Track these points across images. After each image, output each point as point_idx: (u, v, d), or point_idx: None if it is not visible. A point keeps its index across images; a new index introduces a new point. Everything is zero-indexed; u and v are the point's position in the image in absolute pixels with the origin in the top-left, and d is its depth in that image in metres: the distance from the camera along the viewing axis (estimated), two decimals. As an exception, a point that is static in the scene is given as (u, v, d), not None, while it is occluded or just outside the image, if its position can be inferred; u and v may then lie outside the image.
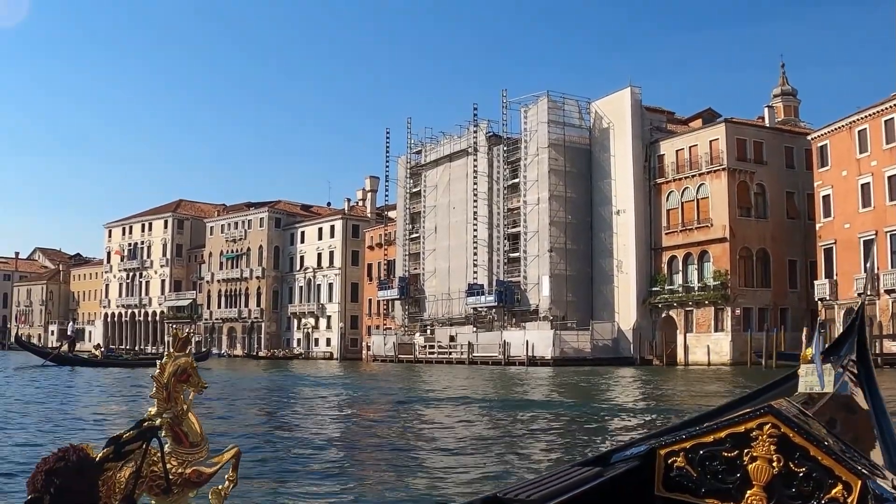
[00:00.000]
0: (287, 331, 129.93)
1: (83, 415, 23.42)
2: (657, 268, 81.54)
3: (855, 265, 68.41)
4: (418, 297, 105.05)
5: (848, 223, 69.45)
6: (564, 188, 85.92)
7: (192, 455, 4.10)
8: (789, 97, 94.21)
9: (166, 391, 4.08)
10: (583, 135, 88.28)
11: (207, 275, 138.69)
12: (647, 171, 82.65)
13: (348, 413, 26.75)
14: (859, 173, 68.78)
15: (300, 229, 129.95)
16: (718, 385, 44.12)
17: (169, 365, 4.10)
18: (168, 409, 4.06)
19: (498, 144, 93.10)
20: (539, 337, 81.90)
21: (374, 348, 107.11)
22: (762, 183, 77.23)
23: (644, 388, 42.17)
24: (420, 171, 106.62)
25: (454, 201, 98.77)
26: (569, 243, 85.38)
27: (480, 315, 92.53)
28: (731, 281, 74.81)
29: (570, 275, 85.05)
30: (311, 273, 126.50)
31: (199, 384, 4.19)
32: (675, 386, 44.11)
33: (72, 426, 20.21)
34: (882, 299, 65.59)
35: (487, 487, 9.18)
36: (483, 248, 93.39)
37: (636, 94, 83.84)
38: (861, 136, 68.93)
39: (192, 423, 4.17)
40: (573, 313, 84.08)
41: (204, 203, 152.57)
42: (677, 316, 79.11)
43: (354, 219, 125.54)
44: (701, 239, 77.56)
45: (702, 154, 77.99)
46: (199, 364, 4.37)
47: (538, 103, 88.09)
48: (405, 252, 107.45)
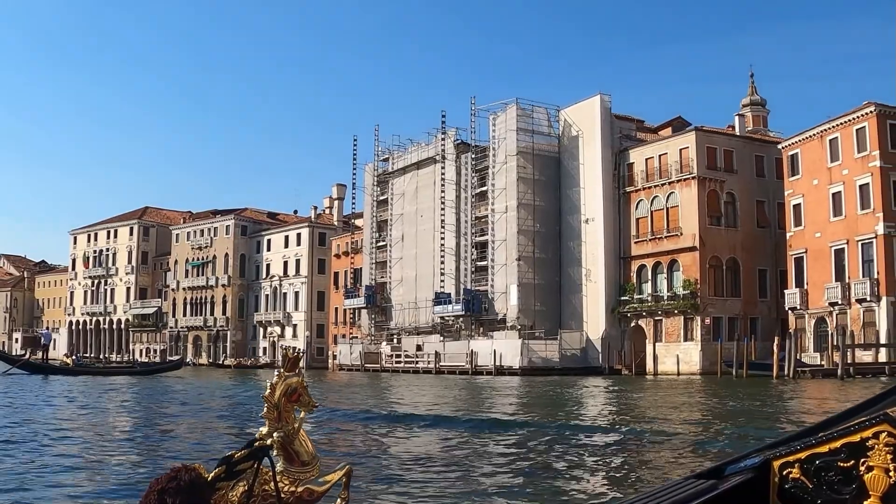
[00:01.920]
0: (253, 339, 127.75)
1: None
2: (626, 277, 79.93)
3: (826, 274, 67.20)
4: (385, 306, 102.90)
5: (819, 232, 68.19)
6: (533, 196, 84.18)
7: (303, 474, 4.16)
8: (758, 107, 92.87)
9: (277, 411, 4.13)
10: (552, 143, 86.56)
11: (173, 282, 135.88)
12: (617, 180, 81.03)
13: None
14: (830, 182, 67.54)
15: (266, 237, 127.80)
16: (688, 396, 42.57)
17: (279, 385, 4.16)
18: (279, 429, 4.12)
19: (466, 152, 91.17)
20: (507, 346, 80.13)
21: (340, 357, 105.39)
22: (732, 191, 75.78)
23: (619, 400, 40.51)
24: (387, 179, 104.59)
25: (422, 209, 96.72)
26: (537, 252, 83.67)
27: (447, 324, 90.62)
28: (700, 290, 73.28)
29: (539, 283, 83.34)
30: (278, 281, 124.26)
31: (310, 404, 4.27)
32: (646, 397, 42.44)
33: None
34: (853, 308, 64.50)
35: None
36: (450, 256, 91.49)
37: (606, 102, 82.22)
38: (832, 144, 67.76)
39: (303, 442, 4.22)
40: (541, 322, 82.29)
41: (170, 210, 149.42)
42: (646, 325, 77.51)
43: (321, 227, 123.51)
44: (670, 248, 76.00)
45: (672, 162, 76.45)
46: (173, 373, 3.26)
47: (507, 111, 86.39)
48: (372, 260, 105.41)
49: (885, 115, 64.49)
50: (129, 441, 19.57)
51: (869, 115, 64.78)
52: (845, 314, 65.00)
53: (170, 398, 37.01)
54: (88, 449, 17.48)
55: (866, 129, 64.86)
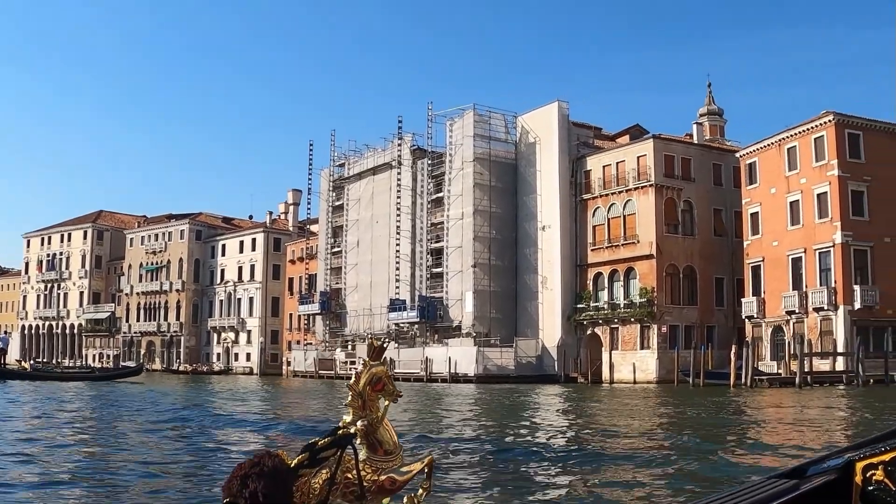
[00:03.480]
0: (207, 345, 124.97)
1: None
2: (582, 284, 78.18)
3: (783, 283, 65.93)
4: (339, 312, 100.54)
5: (776, 241, 66.94)
6: (489, 203, 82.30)
7: (386, 463, 4.13)
8: (715, 117, 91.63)
9: (361, 400, 4.11)
10: (509, 149, 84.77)
11: (127, 287, 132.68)
12: (574, 187, 79.28)
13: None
14: (788, 191, 66.33)
15: (221, 242, 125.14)
16: (645, 405, 40.92)
17: (364, 374, 4.14)
18: (363, 418, 4.10)
19: (422, 158, 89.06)
20: (462, 353, 78.27)
21: (294, 364, 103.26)
22: (690, 200, 74.18)
23: (576, 410, 38.76)
24: (343, 185, 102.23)
25: (377, 215, 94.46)
26: (493, 259, 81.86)
27: (402, 331, 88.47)
28: (657, 298, 71.64)
29: (494, 291, 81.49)
30: (232, 287, 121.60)
31: (394, 393, 4.22)
32: (602, 406, 40.73)
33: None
34: (810, 317, 63.37)
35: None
36: (406, 262, 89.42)
37: (563, 108, 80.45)
38: (791, 153, 66.55)
39: (387, 431, 4.20)
40: (497, 330, 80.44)
41: (124, 214, 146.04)
42: (603, 333, 75.76)
43: (276, 232, 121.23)
44: (627, 255, 74.33)
45: (629, 170, 74.77)
46: (132, 379, 3.31)
47: (464, 117, 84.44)
48: (327, 266, 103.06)
49: (844, 125, 63.51)
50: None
51: (827, 124, 63.66)
52: (802, 323, 63.75)
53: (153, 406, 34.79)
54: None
55: (825, 137, 63.73)
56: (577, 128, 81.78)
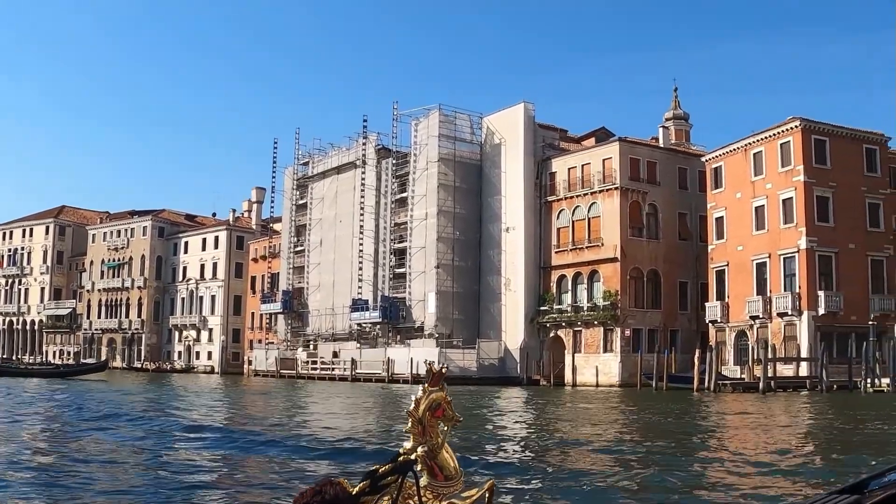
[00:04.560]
0: (168, 343, 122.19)
1: None
2: (546, 287, 76.63)
3: (747, 288, 64.84)
4: (302, 312, 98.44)
5: (741, 245, 65.84)
6: (453, 204, 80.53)
7: (446, 488, 4.10)
8: (681, 121, 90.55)
9: (421, 426, 4.10)
10: (474, 150, 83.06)
11: (88, 283, 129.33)
12: (539, 189, 77.73)
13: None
14: (754, 195, 65.24)
15: (184, 239, 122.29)
16: (607, 409, 39.56)
17: (424, 400, 4.12)
18: (423, 444, 4.08)
19: (387, 157, 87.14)
20: (424, 354, 76.03)
21: (255, 363, 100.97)
22: (655, 203, 72.83)
23: (539, 414, 37.41)
24: (307, 183, 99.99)
25: (341, 214, 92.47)
26: (456, 260, 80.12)
27: (364, 331, 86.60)
28: (620, 301, 70.20)
29: (457, 292, 79.74)
30: (194, 284, 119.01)
31: (454, 418, 4.19)
32: (564, 410, 39.37)
33: None
34: (774, 322, 62.41)
35: None
36: (369, 262, 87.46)
37: (529, 110, 78.88)
38: (757, 158, 65.50)
39: (447, 457, 4.16)
40: (459, 331, 78.70)
41: (87, 210, 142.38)
42: (566, 336, 74.21)
43: (239, 230, 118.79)
44: (591, 258, 72.84)
45: (594, 173, 73.31)
46: (96, 375, 3.29)
47: (429, 117, 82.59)
48: (289, 265, 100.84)
49: (810, 131, 62.55)
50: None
51: (794, 129, 62.67)
52: (766, 328, 62.72)
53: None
54: None
55: (791, 143, 62.78)
56: (543, 129, 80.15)
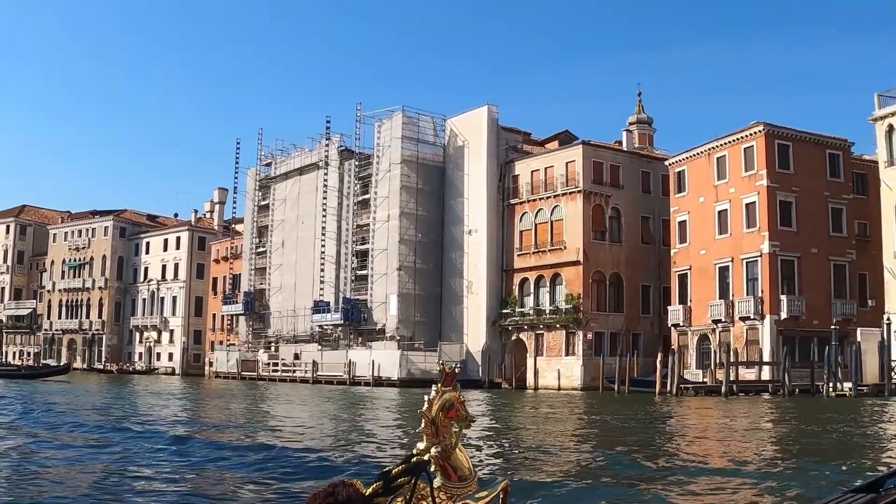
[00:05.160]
0: (129, 344, 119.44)
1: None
2: (508, 289, 75.29)
3: (710, 292, 63.78)
4: (263, 313, 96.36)
5: (704, 249, 64.79)
6: (416, 206, 79.10)
7: (460, 489, 4.07)
8: (644, 126, 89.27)
9: (434, 426, 4.08)
10: (437, 152, 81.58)
11: (49, 283, 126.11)
12: (501, 192, 76.36)
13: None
14: (717, 200, 64.21)
15: (145, 240, 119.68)
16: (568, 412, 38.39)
17: (437, 400, 4.11)
18: (436, 444, 4.06)
19: (350, 159, 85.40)
20: (385, 357, 75.07)
21: (216, 364, 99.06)
22: (618, 206, 71.70)
23: (499, 416, 36.20)
24: (269, 184, 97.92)
25: (303, 216, 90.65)
26: (418, 262, 78.68)
27: (326, 333, 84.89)
28: (583, 305, 68.98)
29: (419, 294, 78.35)
30: (155, 285, 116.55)
31: (468, 418, 4.20)
32: (526, 415, 38.13)
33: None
34: (737, 326, 61.46)
35: None
36: (330, 264, 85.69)
37: (493, 112, 77.47)
38: (720, 162, 64.47)
39: (461, 457, 4.15)
40: (421, 333, 77.27)
41: (48, 209, 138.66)
42: (528, 339, 72.90)
43: (201, 231, 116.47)
44: (554, 261, 71.62)
45: (557, 175, 72.12)
46: (59, 378, 3.51)
47: (392, 118, 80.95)
48: (251, 266, 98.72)
49: (774, 135, 61.60)
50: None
51: (757, 134, 61.69)
52: (729, 332, 61.69)
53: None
54: None
55: (754, 148, 61.76)
56: (507, 132, 78.95)
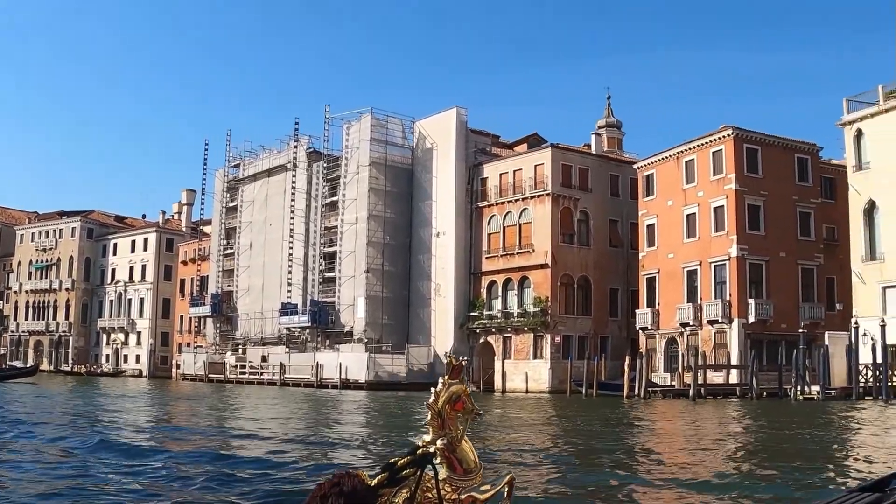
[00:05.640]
0: (96, 346, 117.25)
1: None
2: (476, 292, 73.91)
3: (678, 295, 62.78)
4: (231, 315, 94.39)
5: (672, 253, 63.79)
6: (384, 208, 77.58)
7: (466, 482, 4.01)
8: (613, 129, 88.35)
9: (440, 418, 4.02)
10: (405, 154, 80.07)
11: (15, 284, 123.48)
12: (470, 194, 74.92)
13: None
14: (685, 203, 63.23)
15: (113, 241, 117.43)
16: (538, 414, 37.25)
17: (443, 393, 4.05)
18: (442, 436, 4.00)
19: (318, 161, 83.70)
20: (353, 359, 73.62)
21: (184, 367, 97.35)
22: (586, 210, 70.46)
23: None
24: (238, 186, 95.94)
25: (271, 217, 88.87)
26: (386, 264, 77.18)
27: (293, 335, 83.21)
28: (551, 308, 67.72)
29: (387, 297, 76.84)
30: (123, 287, 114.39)
31: (474, 411, 4.13)
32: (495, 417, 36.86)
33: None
34: (704, 330, 60.45)
35: None
36: (298, 266, 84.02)
37: (462, 115, 76.07)
38: (689, 166, 63.49)
39: (466, 450, 4.06)
40: (388, 336, 75.84)
41: (15, 210, 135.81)
42: (495, 342, 71.54)
43: (169, 232, 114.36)
44: (522, 264, 70.28)
45: (526, 178, 70.83)
46: (27, 380, 3.46)
47: (361, 120, 79.37)
48: (219, 268, 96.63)
49: (742, 139, 60.68)
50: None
51: (726, 138, 60.76)
52: (697, 335, 60.68)
53: None
54: None
55: (723, 151, 60.82)
56: (475, 135, 77.53)
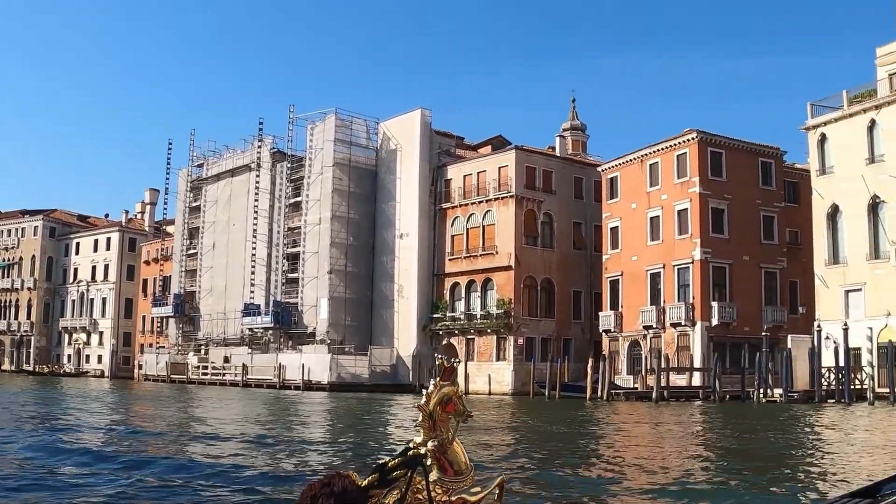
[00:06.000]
0: (58, 346, 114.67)
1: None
2: (439, 294, 72.71)
3: (641, 298, 61.88)
4: (193, 316, 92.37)
5: (635, 255, 62.89)
6: (347, 209, 76.18)
7: (456, 484, 3.97)
8: (578, 132, 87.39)
9: (432, 420, 3.97)
10: (369, 155, 78.70)
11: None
12: (433, 196, 73.69)
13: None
14: (649, 206, 62.34)
15: (75, 240, 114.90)
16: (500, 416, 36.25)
17: (434, 394, 4.02)
18: (433, 438, 3.95)
19: (282, 161, 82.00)
20: (316, 360, 72.20)
21: (146, 367, 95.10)
22: (550, 212, 69.45)
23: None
24: (201, 186, 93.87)
25: (234, 218, 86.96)
26: (349, 265, 75.78)
27: (256, 336, 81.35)
28: (514, 310, 66.64)
29: (350, 298, 75.45)
30: (85, 286, 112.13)
31: (465, 413, 4.12)
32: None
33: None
34: (668, 332, 59.63)
35: None
36: (261, 267, 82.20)
37: (426, 116, 74.83)
38: (653, 169, 62.61)
39: (458, 452, 4.02)
40: (351, 337, 74.42)
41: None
42: (458, 343, 70.32)
43: (132, 232, 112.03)
44: (485, 266, 69.15)
45: (490, 180, 69.70)
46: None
47: (325, 121, 77.86)
48: (182, 268, 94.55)
49: (707, 143, 59.89)
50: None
51: (690, 141, 59.96)
52: (660, 338, 59.85)
53: None
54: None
55: (687, 155, 60.03)
56: (439, 136, 76.35)
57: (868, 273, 52.28)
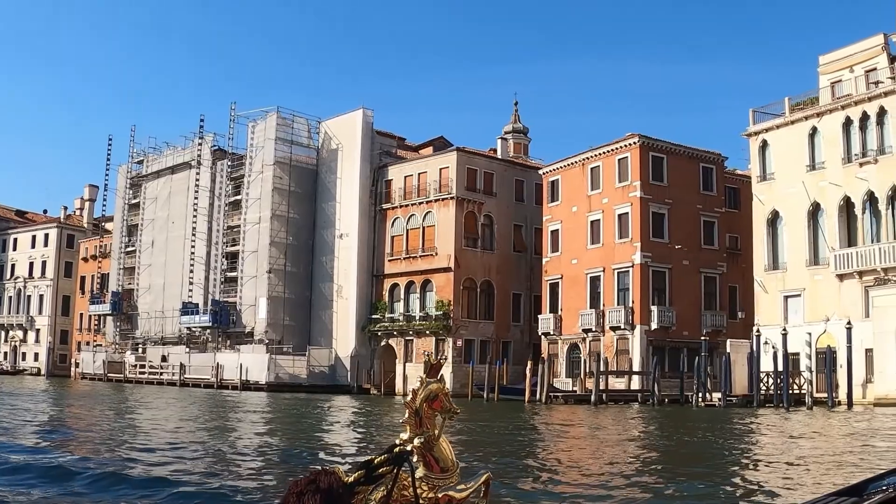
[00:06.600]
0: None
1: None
2: (378, 295, 70.60)
3: (581, 301, 60.11)
4: (131, 314, 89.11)
5: (576, 259, 61.24)
6: (287, 208, 73.78)
7: (442, 480, 3.87)
8: (520, 135, 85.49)
9: (418, 417, 3.86)
10: (311, 155, 76.23)
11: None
12: (374, 196, 71.49)
13: None
14: (590, 210, 60.72)
15: (13, 236, 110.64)
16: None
17: (421, 391, 3.89)
18: (420, 435, 3.84)
19: (223, 159, 79.20)
20: (254, 360, 69.68)
21: (83, 365, 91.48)
22: (490, 214, 67.62)
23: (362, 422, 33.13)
24: (141, 182, 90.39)
25: (174, 215, 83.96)
26: (289, 265, 73.47)
27: (194, 335, 78.63)
28: (453, 312, 64.62)
29: (289, 297, 73.13)
30: (22, 283, 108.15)
31: (452, 409, 3.94)
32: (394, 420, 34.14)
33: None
34: (607, 336, 58.01)
35: None
36: (200, 265, 79.35)
37: (368, 116, 72.61)
38: (594, 173, 60.95)
39: (444, 449, 3.91)
40: (290, 337, 72.00)
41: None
42: (397, 345, 68.19)
43: (70, 228, 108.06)
44: (425, 267, 67.12)
45: (431, 181, 67.68)
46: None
47: (267, 119, 75.27)
48: (120, 266, 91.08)
49: (648, 147, 58.40)
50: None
51: (632, 145, 58.41)
52: (599, 341, 58.17)
53: None
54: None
55: (629, 159, 58.46)
56: (381, 136, 74.15)
57: (807, 279, 51.23)
